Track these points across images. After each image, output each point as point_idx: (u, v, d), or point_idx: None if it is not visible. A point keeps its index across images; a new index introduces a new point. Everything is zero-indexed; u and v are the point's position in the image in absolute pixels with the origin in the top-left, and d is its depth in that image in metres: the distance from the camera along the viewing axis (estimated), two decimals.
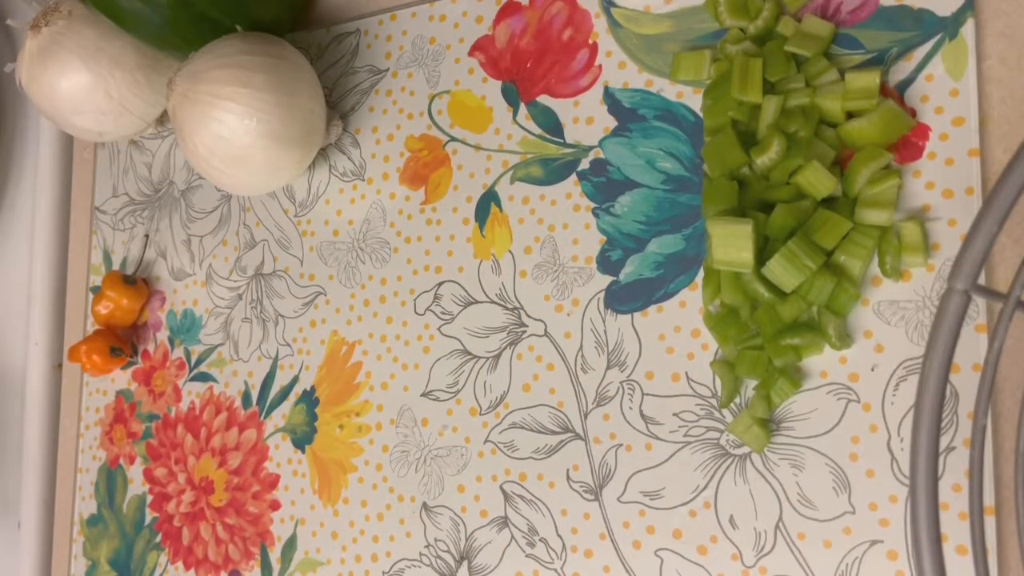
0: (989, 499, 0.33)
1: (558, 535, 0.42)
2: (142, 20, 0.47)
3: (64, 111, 0.51)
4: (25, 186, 0.65)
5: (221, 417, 0.53)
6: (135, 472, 0.56)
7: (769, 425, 0.37)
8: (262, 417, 0.51)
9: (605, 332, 0.42)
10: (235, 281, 0.54)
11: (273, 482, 0.50)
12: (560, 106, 0.44)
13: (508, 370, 0.44)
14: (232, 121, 0.45)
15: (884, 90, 0.37)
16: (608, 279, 0.42)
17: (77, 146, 0.64)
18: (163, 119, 0.54)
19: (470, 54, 0.47)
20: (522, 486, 0.43)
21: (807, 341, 0.36)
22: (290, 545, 0.49)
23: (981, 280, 0.31)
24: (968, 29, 0.36)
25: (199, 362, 0.54)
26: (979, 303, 0.34)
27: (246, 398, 0.52)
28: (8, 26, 0.55)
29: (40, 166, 0.64)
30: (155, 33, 0.48)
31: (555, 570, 0.41)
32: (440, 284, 0.46)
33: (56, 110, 0.52)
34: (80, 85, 0.50)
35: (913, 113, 0.37)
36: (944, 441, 0.34)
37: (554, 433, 0.42)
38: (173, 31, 0.48)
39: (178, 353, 0.55)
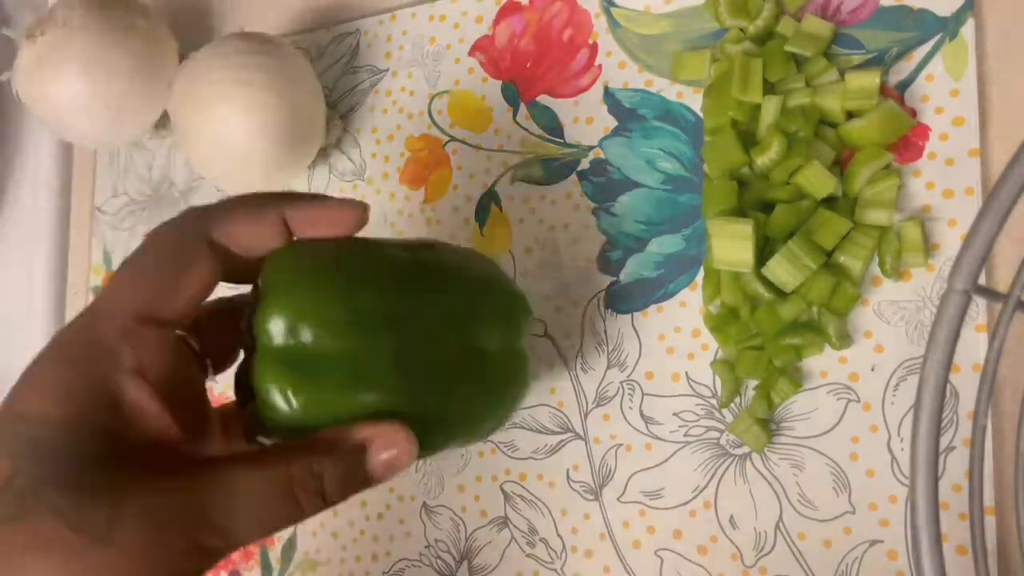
0: (989, 499, 0.33)
1: (558, 535, 0.42)
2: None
3: (62, 119, 0.51)
4: (25, 186, 0.65)
5: None
6: None
7: (769, 425, 0.37)
8: None
9: (605, 332, 0.42)
10: None
11: None
12: (560, 106, 0.44)
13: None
14: (231, 121, 0.45)
15: (884, 90, 0.37)
16: (608, 279, 0.42)
17: (77, 146, 0.64)
18: (162, 124, 0.54)
19: (470, 54, 0.47)
20: (522, 486, 0.43)
21: (807, 341, 0.36)
22: (290, 545, 0.49)
23: (981, 280, 0.31)
24: (968, 29, 0.36)
25: None
26: (979, 303, 0.34)
27: None
28: (3, 33, 0.55)
29: (40, 165, 0.64)
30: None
31: (555, 570, 0.41)
32: None
33: (54, 118, 0.51)
34: (77, 94, 0.50)
35: (913, 113, 0.37)
36: (944, 441, 0.34)
37: (554, 433, 0.42)
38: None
39: None
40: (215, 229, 0.31)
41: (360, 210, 0.33)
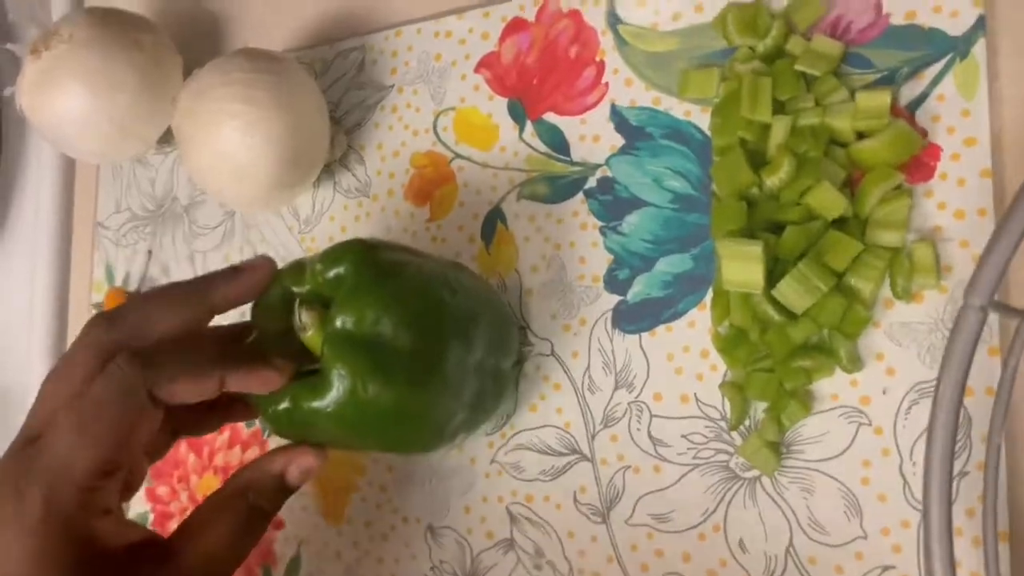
0: (1003, 524, 0.33)
1: (565, 558, 0.41)
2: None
3: (66, 135, 0.51)
4: (27, 200, 0.65)
5: (224, 436, 0.52)
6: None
7: (779, 448, 0.37)
8: (265, 436, 0.51)
9: (613, 352, 0.41)
10: None
11: None
12: (567, 124, 0.44)
13: (514, 390, 0.43)
14: (235, 138, 0.45)
15: (895, 110, 0.37)
16: (616, 298, 0.42)
17: (80, 161, 0.63)
18: (166, 139, 0.54)
19: (476, 71, 0.47)
20: (529, 508, 0.42)
21: (818, 363, 0.36)
22: (293, 565, 0.49)
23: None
24: (979, 48, 0.36)
25: None
26: (992, 326, 0.34)
27: None
28: (8, 49, 0.55)
29: (42, 180, 0.64)
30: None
31: None
32: None
33: (57, 134, 0.51)
34: (81, 110, 0.49)
35: (924, 133, 0.36)
36: (957, 466, 0.34)
37: (561, 454, 0.42)
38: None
39: None
40: (157, 387, 0.33)
41: (282, 375, 0.35)
